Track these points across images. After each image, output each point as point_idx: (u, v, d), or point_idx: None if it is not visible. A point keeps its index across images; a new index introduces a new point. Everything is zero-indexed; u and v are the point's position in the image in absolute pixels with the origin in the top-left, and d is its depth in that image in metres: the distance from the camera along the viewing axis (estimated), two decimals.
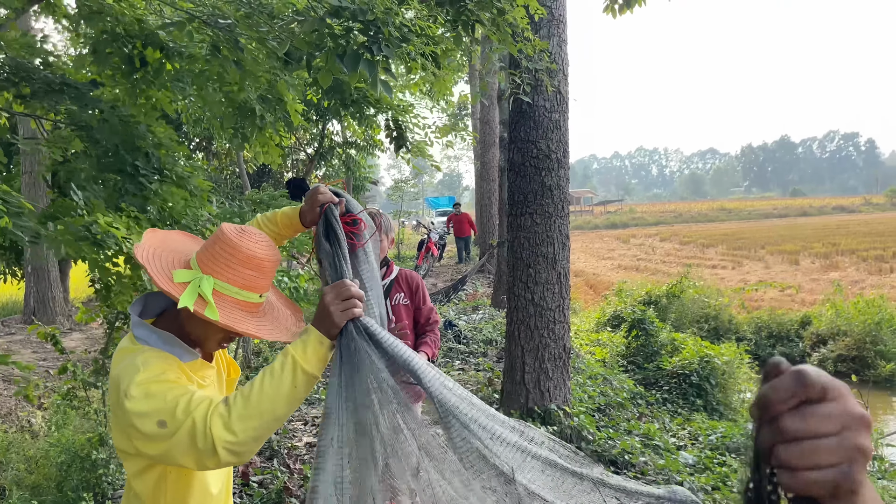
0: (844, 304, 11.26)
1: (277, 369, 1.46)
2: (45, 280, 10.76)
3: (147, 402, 1.44)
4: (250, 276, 1.60)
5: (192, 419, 1.40)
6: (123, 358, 1.56)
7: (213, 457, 1.40)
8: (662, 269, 21.26)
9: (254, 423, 1.41)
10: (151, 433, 1.43)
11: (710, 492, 4.73)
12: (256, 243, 1.62)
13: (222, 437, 1.38)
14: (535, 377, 5.22)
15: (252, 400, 1.43)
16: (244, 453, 1.44)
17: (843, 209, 60.46)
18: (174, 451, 1.42)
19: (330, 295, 1.53)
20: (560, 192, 5.26)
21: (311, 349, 1.49)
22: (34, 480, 5.03)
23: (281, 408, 1.44)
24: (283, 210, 1.92)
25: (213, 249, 1.60)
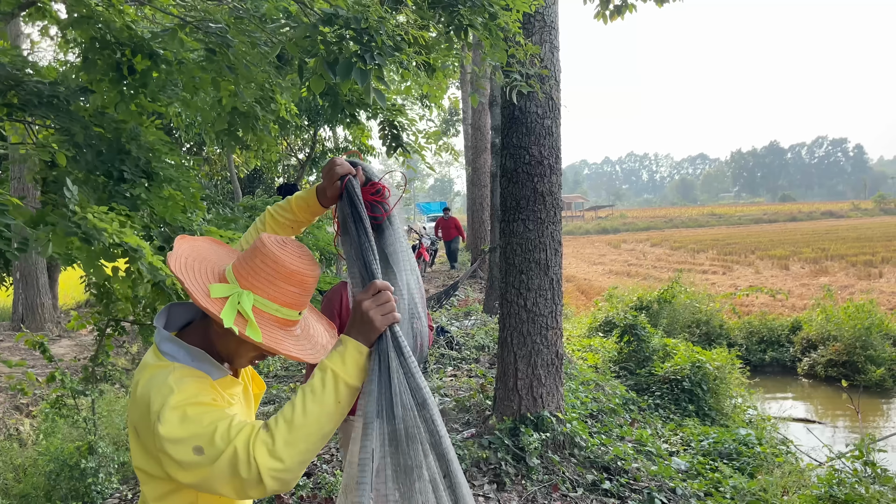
0: (834, 309, 11.32)
1: (318, 387, 1.39)
2: (33, 286, 10.68)
3: (183, 427, 1.36)
4: (292, 294, 1.52)
5: (234, 447, 1.32)
6: (153, 376, 1.46)
7: (258, 486, 1.32)
8: (653, 275, 21.32)
9: (301, 447, 1.34)
10: (187, 461, 1.34)
11: (703, 497, 4.73)
12: (300, 258, 1.53)
13: (269, 465, 1.31)
14: (528, 383, 5.21)
15: (296, 423, 1.35)
16: (292, 480, 1.36)
17: (832, 214, 60.86)
18: (213, 480, 1.34)
19: (368, 301, 1.45)
20: (552, 199, 5.26)
21: (350, 360, 1.42)
22: (22, 489, 4.98)
23: (327, 426, 1.38)
24: (297, 194, 1.79)
25: (254, 263, 1.51)
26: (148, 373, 1.48)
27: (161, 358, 1.51)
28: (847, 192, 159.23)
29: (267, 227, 1.79)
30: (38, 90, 3.64)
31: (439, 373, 7.66)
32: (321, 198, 1.72)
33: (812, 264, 22.93)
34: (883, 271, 20.07)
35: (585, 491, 4.74)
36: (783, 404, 9.82)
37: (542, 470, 4.87)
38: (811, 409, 9.60)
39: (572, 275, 23.19)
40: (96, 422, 5.15)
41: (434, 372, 7.69)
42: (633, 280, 19.46)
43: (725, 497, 4.69)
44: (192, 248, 1.63)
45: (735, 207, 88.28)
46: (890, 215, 57.89)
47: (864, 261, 22.30)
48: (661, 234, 44.59)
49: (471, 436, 5.36)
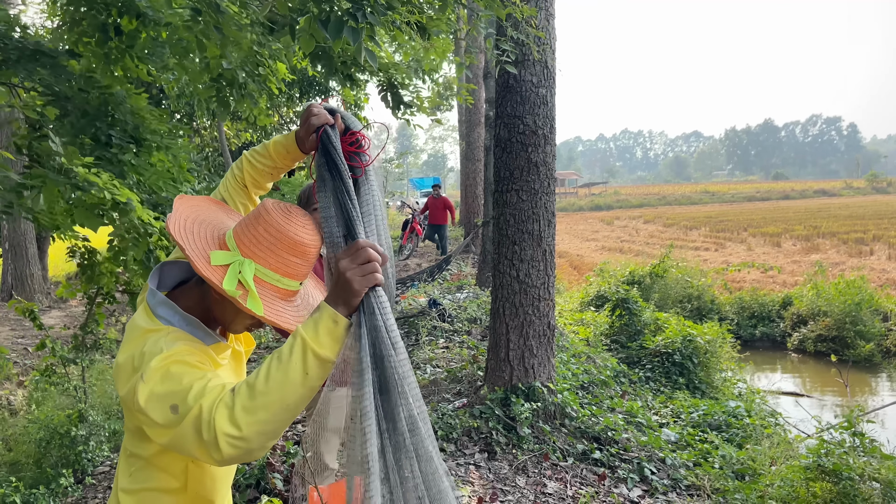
0: (825, 285, 11.37)
1: (286, 354, 1.26)
2: (22, 257, 10.60)
3: (163, 384, 1.30)
4: (295, 264, 1.46)
5: (200, 406, 1.25)
6: (144, 338, 1.41)
7: (217, 451, 1.23)
8: (646, 251, 21.36)
9: (260, 417, 1.22)
10: (163, 420, 1.29)
11: (692, 467, 4.77)
12: (304, 228, 1.47)
13: (225, 429, 1.21)
14: (520, 354, 5.21)
15: (258, 389, 1.23)
16: (251, 450, 1.25)
17: (825, 192, 60.98)
18: (182, 440, 1.27)
19: (345, 261, 1.30)
20: (546, 169, 5.22)
21: (323, 329, 1.26)
22: (12, 458, 4.97)
23: (290, 397, 1.24)
24: (275, 139, 1.69)
25: (256, 231, 1.45)
26: (139, 335, 1.43)
27: (155, 321, 1.45)
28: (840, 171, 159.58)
29: (245, 173, 1.72)
30: (22, 46, 3.56)
31: (431, 345, 7.67)
32: (300, 145, 1.63)
33: (804, 241, 23.02)
34: (874, 249, 20.17)
35: (576, 460, 4.78)
36: (772, 378, 9.90)
37: (532, 439, 4.90)
38: (800, 384, 9.68)
39: (565, 250, 23.21)
40: (87, 390, 5.13)
41: (426, 344, 7.70)
42: (625, 256, 19.50)
43: (714, 467, 4.73)
44: (192, 208, 1.58)
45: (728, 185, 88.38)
46: (882, 194, 58.11)
47: (855, 238, 22.39)
48: (654, 212, 44.63)
49: (462, 406, 5.37)
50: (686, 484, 4.56)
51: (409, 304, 9.57)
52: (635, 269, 11.86)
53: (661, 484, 4.52)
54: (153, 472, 1.48)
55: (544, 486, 4.38)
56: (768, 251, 21.28)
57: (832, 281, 11.61)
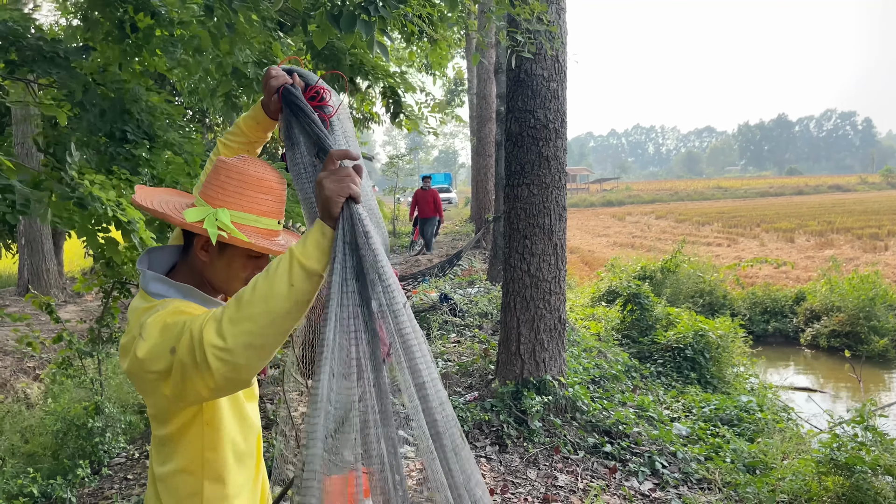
0: (839, 280, 11.30)
1: (273, 266, 1.29)
2: (38, 252, 10.71)
3: (161, 335, 1.34)
4: (265, 201, 1.51)
5: (190, 330, 1.28)
6: (142, 314, 1.45)
7: (207, 370, 1.25)
8: (658, 247, 21.28)
9: (245, 327, 1.23)
10: (166, 365, 1.33)
11: (703, 461, 4.77)
12: (262, 166, 1.52)
13: (212, 341, 1.23)
14: (531, 348, 5.23)
15: (244, 300, 1.26)
16: (237, 365, 1.25)
17: (839, 188, 60.44)
18: (181, 375, 1.30)
19: (322, 173, 1.34)
20: (557, 163, 5.22)
21: (311, 241, 1.30)
22: (29, 449, 5.05)
23: (275, 308, 1.24)
24: (243, 115, 1.75)
25: (219, 180, 1.50)
26: (138, 315, 1.46)
27: (150, 299, 1.49)
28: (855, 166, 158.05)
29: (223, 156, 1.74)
30: (39, 46, 3.60)
31: (443, 339, 7.70)
32: (267, 112, 1.67)
33: (818, 237, 22.84)
34: (889, 244, 19.98)
35: (586, 454, 4.79)
36: (785, 374, 9.86)
37: (543, 433, 4.91)
38: (813, 379, 9.64)
39: (576, 246, 23.17)
40: (103, 382, 5.20)
41: (437, 338, 7.73)
42: (636, 252, 19.43)
43: (726, 461, 4.73)
44: (154, 192, 1.64)
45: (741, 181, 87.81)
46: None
47: (870, 234, 22.20)
48: (666, 207, 44.42)
49: (473, 399, 5.40)
50: (697, 477, 4.57)
51: (420, 299, 9.60)
52: (647, 265, 11.83)
53: (672, 477, 4.53)
54: (173, 452, 1.51)
55: (555, 479, 4.40)
56: (781, 247, 21.14)
57: (846, 276, 11.53)
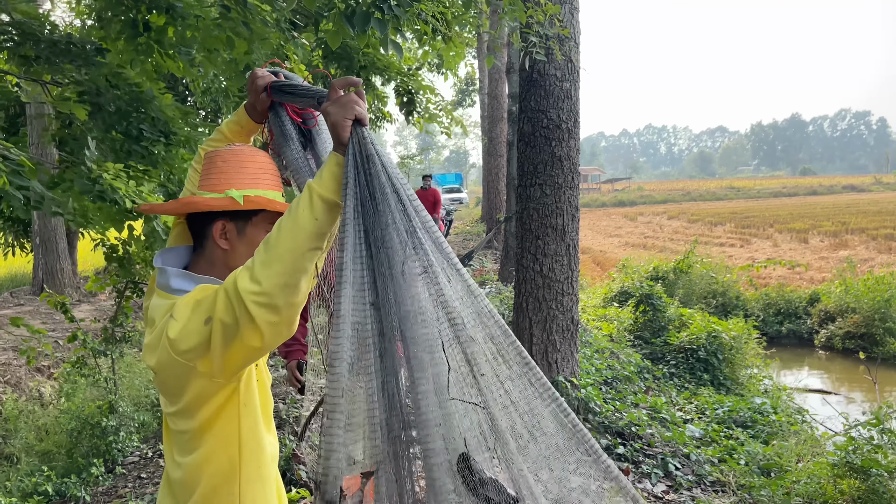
0: (854, 281, 11.20)
1: (294, 204, 1.32)
2: (53, 252, 10.79)
3: (194, 312, 1.34)
4: (265, 177, 1.54)
5: (224, 289, 1.30)
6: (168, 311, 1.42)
7: (250, 321, 1.26)
8: (670, 247, 21.18)
9: (278, 268, 1.26)
10: (201, 338, 1.31)
11: (717, 463, 4.74)
12: (250, 148, 1.56)
13: (247, 288, 1.25)
14: (543, 349, 5.21)
15: (271, 241, 1.29)
16: (277, 306, 1.27)
17: (854, 188, 59.90)
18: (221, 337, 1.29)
19: (327, 102, 1.37)
20: (570, 163, 5.20)
21: (327, 172, 1.33)
22: (44, 448, 5.09)
23: (303, 243, 1.28)
24: (226, 120, 1.77)
25: (217, 167, 1.53)
26: (162, 312, 1.44)
27: (171, 297, 1.47)
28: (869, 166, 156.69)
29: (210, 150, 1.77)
30: (54, 42, 3.63)
31: None
32: (252, 114, 1.70)
33: (832, 238, 22.66)
34: None
35: None
36: (799, 375, 9.78)
37: None
38: (828, 381, 9.55)
39: (588, 246, 23.09)
40: (117, 381, 5.23)
41: None
42: (649, 252, 19.35)
43: (740, 463, 4.69)
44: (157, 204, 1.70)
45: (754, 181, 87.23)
46: None
47: (885, 234, 21.98)
48: (678, 207, 44.20)
49: None
50: (711, 480, 4.53)
51: None
52: (659, 265, 11.77)
53: (686, 480, 4.50)
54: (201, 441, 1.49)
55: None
56: (795, 247, 20.99)
57: (861, 277, 11.42)
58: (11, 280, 13.46)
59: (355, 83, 1.41)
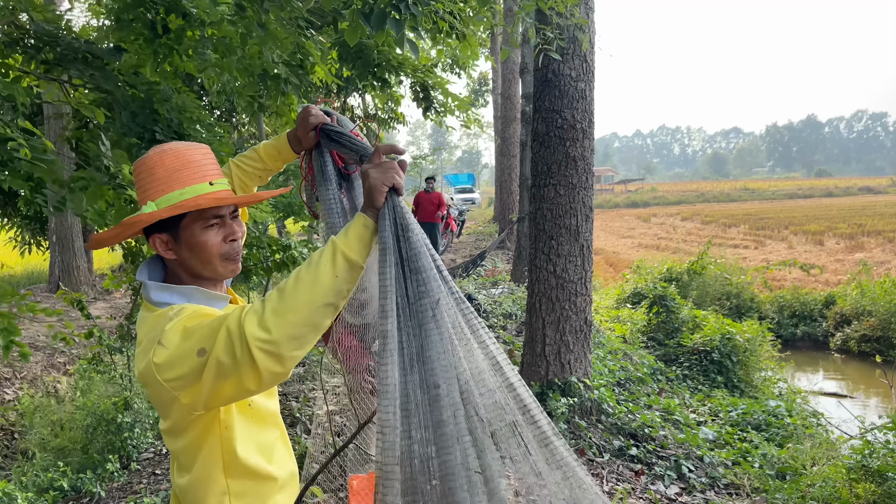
0: (870, 283, 11.09)
1: (316, 257, 1.31)
2: (69, 250, 10.89)
3: (185, 340, 1.31)
4: (181, 174, 1.46)
5: (227, 326, 1.26)
6: (152, 328, 1.40)
7: (251, 366, 1.24)
8: (683, 248, 21.07)
9: (290, 318, 1.25)
10: (192, 368, 1.28)
11: (731, 466, 4.71)
12: (164, 145, 1.50)
13: (255, 334, 1.22)
14: (556, 349, 5.20)
15: (287, 291, 1.27)
16: (283, 357, 1.25)
17: (870, 190, 59.29)
18: (216, 375, 1.26)
19: (368, 165, 1.39)
20: (584, 163, 5.19)
21: (353, 233, 1.33)
22: (59, 443, 5.13)
23: (319, 298, 1.27)
24: (265, 143, 1.77)
25: (137, 182, 1.50)
26: (148, 330, 1.43)
27: (154, 308, 1.46)
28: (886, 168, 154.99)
29: (233, 177, 1.77)
30: (74, 46, 3.66)
31: None
32: (294, 145, 1.72)
33: (847, 240, 22.44)
34: None
35: (612, 456, 4.75)
36: (814, 378, 9.70)
37: (568, 435, 4.88)
38: (843, 385, 9.46)
39: (601, 247, 23.01)
40: (132, 378, 5.27)
41: None
42: (662, 253, 19.25)
43: (754, 466, 4.66)
44: None
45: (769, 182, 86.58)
46: None
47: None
48: (691, 209, 43.94)
49: None
50: (724, 482, 4.51)
51: None
52: (673, 266, 11.71)
53: (699, 482, 4.48)
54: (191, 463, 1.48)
55: None
56: (810, 249, 20.81)
57: (877, 280, 11.31)
58: (28, 278, 13.60)
59: (399, 152, 1.43)
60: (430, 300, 1.31)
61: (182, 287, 1.49)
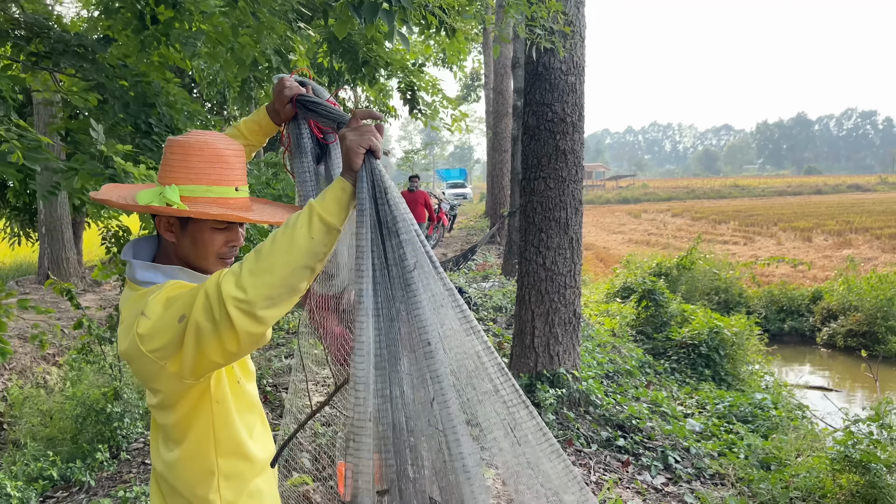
0: (857, 279, 11.20)
1: (293, 219, 1.32)
2: (59, 241, 10.85)
3: (167, 310, 1.33)
4: (213, 170, 1.48)
5: (204, 290, 1.28)
6: (135, 306, 1.42)
7: (229, 327, 1.25)
8: (673, 244, 21.18)
9: (266, 279, 1.26)
10: (172, 336, 1.31)
11: (717, 457, 4.77)
12: (205, 134, 1.50)
13: (231, 293, 1.24)
14: (545, 341, 5.24)
15: (263, 252, 1.29)
16: (258, 316, 1.27)
17: (859, 187, 59.70)
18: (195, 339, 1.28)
19: (345, 129, 1.40)
20: (574, 157, 5.22)
21: (330, 196, 1.34)
22: (49, 433, 5.13)
23: (295, 259, 1.28)
24: (245, 119, 1.78)
25: (166, 159, 1.49)
26: (130, 304, 1.45)
27: (138, 288, 1.48)
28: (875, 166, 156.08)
29: None
30: (64, 39, 3.66)
31: None
32: (273, 117, 1.73)
33: (836, 237, 22.62)
34: None
35: (599, 447, 4.80)
36: (801, 372, 9.79)
37: (556, 426, 4.93)
38: (829, 378, 9.57)
39: (591, 243, 23.10)
40: (122, 369, 5.27)
41: None
42: (652, 249, 19.35)
43: (740, 457, 4.72)
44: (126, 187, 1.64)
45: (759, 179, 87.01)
46: None
47: (889, 234, 21.94)
48: (682, 205, 44.13)
49: None
50: (710, 473, 4.56)
51: None
52: (662, 261, 11.78)
53: (685, 472, 4.53)
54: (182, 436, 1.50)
55: None
56: (799, 246, 20.97)
57: (864, 276, 11.43)
58: (17, 269, 13.54)
59: (376, 116, 1.43)
60: (409, 263, 1.33)
61: (168, 267, 1.51)
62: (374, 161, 1.37)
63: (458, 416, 1.30)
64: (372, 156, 1.37)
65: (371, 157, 1.37)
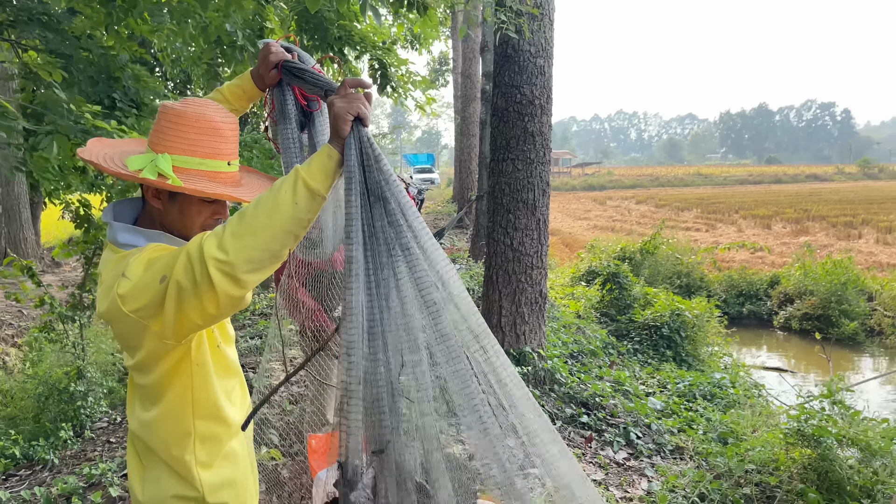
0: (813, 265, 11.52)
1: (278, 184, 1.33)
2: (16, 221, 10.60)
3: (147, 271, 1.34)
4: (208, 143, 1.47)
5: (186, 251, 1.29)
6: (116, 268, 1.41)
7: (209, 288, 1.27)
8: (637, 230, 21.48)
9: (248, 242, 1.27)
10: (154, 297, 1.31)
11: (676, 433, 4.91)
12: (204, 106, 1.49)
13: (213, 254, 1.26)
14: (512, 321, 5.31)
15: (247, 215, 1.30)
16: (239, 279, 1.28)
17: (817, 177, 61.19)
18: (176, 299, 1.29)
19: (334, 96, 1.41)
20: (542, 139, 5.28)
21: (316, 162, 1.35)
22: (9, 413, 5.05)
23: (277, 223, 1.29)
24: (228, 83, 1.76)
25: (160, 125, 1.48)
26: (110, 266, 1.45)
27: (118, 250, 1.47)
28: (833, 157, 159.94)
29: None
30: (28, 7, 3.57)
31: None
32: (258, 82, 1.72)
33: (794, 224, 23.20)
34: (862, 232, 20.38)
35: (564, 423, 4.90)
36: (758, 354, 10.07)
37: None
38: (785, 360, 9.86)
39: (557, 228, 23.31)
40: (85, 347, 5.21)
41: None
42: (616, 235, 19.59)
43: (698, 433, 4.87)
44: (113, 144, 1.61)
45: (721, 168, 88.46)
46: (873, 180, 58.44)
47: (844, 222, 22.59)
48: (646, 192, 44.72)
49: None
50: (670, 448, 4.70)
51: None
52: (626, 246, 11.97)
53: (647, 448, 4.66)
54: (160, 396, 1.51)
55: None
56: (758, 233, 21.46)
57: (820, 261, 11.76)
58: None
59: (366, 85, 1.43)
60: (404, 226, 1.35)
61: (151, 231, 1.51)
62: (363, 128, 1.38)
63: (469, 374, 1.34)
64: (360, 123, 1.38)
65: (359, 125, 1.38)
